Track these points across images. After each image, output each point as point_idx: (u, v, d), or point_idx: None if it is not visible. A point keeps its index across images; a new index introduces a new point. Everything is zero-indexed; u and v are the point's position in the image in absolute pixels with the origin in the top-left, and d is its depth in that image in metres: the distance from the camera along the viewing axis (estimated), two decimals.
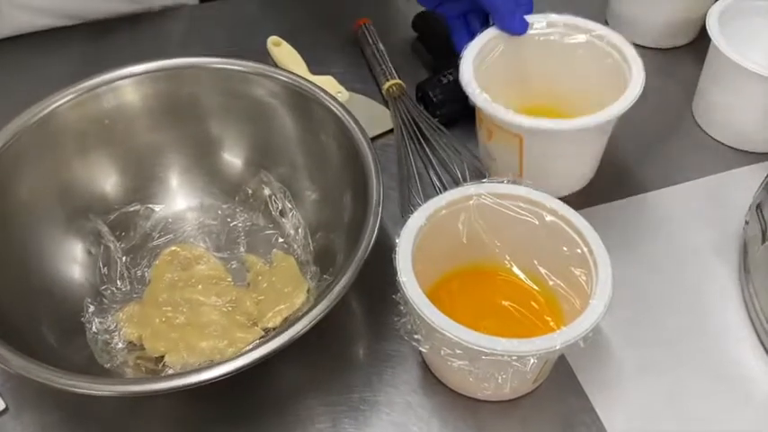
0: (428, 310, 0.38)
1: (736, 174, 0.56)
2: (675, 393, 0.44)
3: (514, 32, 0.52)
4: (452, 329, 0.37)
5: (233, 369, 0.36)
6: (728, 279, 0.50)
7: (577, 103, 0.51)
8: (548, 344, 0.37)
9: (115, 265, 0.49)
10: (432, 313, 0.38)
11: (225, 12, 0.71)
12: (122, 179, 0.50)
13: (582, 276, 0.41)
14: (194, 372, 0.36)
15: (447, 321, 0.38)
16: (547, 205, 0.43)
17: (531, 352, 0.37)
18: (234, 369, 0.36)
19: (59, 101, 0.47)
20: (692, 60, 0.63)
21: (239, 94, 0.50)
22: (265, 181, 0.50)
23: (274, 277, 0.47)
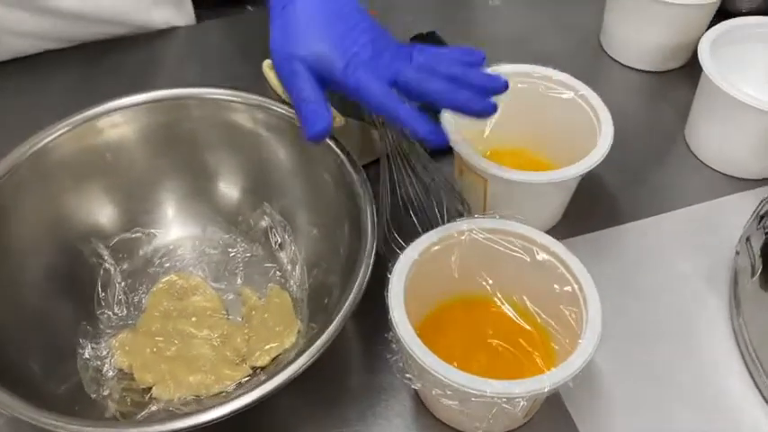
0: (420, 351, 0.38)
1: (727, 201, 0.56)
2: (665, 427, 0.44)
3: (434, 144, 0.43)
4: (443, 371, 0.37)
5: (218, 416, 0.36)
6: (719, 309, 0.50)
7: (555, 152, 0.53)
8: (537, 386, 0.37)
9: (113, 290, 0.49)
10: (423, 354, 0.38)
11: (220, 33, 0.71)
12: (124, 206, 0.51)
13: (572, 315, 0.41)
14: (180, 417, 0.36)
15: (438, 362, 0.38)
16: (538, 241, 0.43)
17: (521, 394, 0.37)
18: (218, 417, 0.36)
19: (57, 132, 0.47)
20: (686, 83, 0.63)
21: (237, 126, 0.50)
22: (267, 213, 0.50)
23: (267, 314, 0.47)
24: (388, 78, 0.42)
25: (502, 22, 0.72)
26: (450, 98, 0.42)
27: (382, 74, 0.42)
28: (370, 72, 0.41)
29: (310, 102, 0.42)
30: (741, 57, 0.59)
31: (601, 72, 0.68)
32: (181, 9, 0.70)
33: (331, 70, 0.42)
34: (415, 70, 0.42)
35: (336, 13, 0.43)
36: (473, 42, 0.69)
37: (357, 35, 0.42)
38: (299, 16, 0.43)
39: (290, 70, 0.42)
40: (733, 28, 0.58)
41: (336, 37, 0.42)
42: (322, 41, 0.42)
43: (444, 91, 0.42)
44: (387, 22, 0.71)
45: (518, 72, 0.53)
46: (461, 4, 0.75)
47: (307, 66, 0.42)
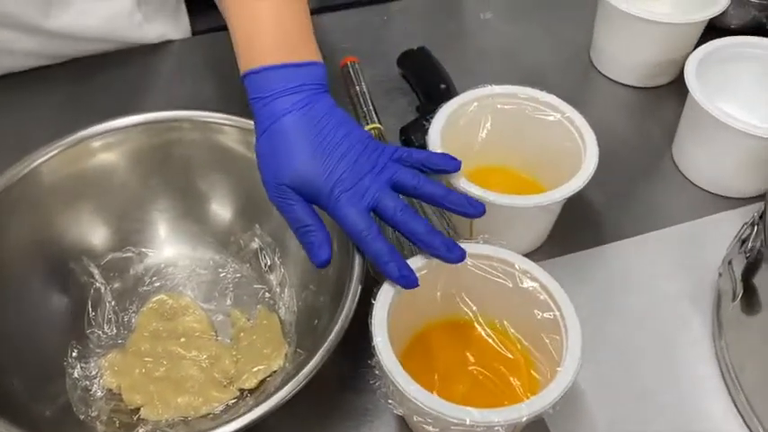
0: (402, 379, 0.39)
1: (712, 220, 0.57)
2: None
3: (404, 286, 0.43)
4: (424, 399, 0.38)
5: None
6: (702, 331, 0.50)
7: (541, 172, 0.54)
8: (515, 414, 0.38)
9: (103, 309, 0.49)
10: (405, 382, 0.39)
11: (212, 48, 0.71)
12: (115, 226, 0.51)
13: (552, 342, 0.42)
14: None
15: (419, 391, 0.38)
16: (520, 267, 0.44)
17: (500, 423, 0.38)
18: None
19: (49, 154, 0.48)
20: (675, 99, 0.64)
21: (228, 149, 0.51)
22: (257, 234, 0.51)
23: (255, 336, 0.47)
24: (368, 205, 0.43)
25: (492, 35, 0.72)
26: (425, 242, 0.43)
27: (362, 203, 0.43)
28: (351, 203, 0.42)
29: (309, 230, 0.43)
30: (728, 76, 0.59)
31: (590, 87, 0.68)
32: (176, 23, 0.70)
33: (317, 194, 0.43)
34: (394, 204, 0.43)
35: (318, 131, 0.43)
36: (464, 56, 0.70)
37: (340, 156, 0.43)
38: (281, 141, 0.43)
39: (282, 198, 0.43)
40: (720, 47, 0.59)
41: (319, 161, 0.43)
42: (304, 167, 0.42)
43: (421, 234, 0.43)
44: (377, 37, 0.73)
45: (506, 93, 0.54)
46: (452, 17, 0.76)
47: (295, 189, 0.43)
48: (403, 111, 0.64)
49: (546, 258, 0.53)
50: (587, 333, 0.48)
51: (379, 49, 0.69)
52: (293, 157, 0.42)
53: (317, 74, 0.45)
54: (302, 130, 0.43)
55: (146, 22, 0.67)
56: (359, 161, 0.43)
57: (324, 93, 0.45)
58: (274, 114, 0.43)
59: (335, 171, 0.42)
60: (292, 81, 0.44)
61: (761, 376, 0.45)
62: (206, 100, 0.65)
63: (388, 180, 0.44)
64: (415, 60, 0.66)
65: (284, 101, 0.43)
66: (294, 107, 0.43)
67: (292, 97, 0.43)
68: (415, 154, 0.46)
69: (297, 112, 0.43)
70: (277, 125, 0.43)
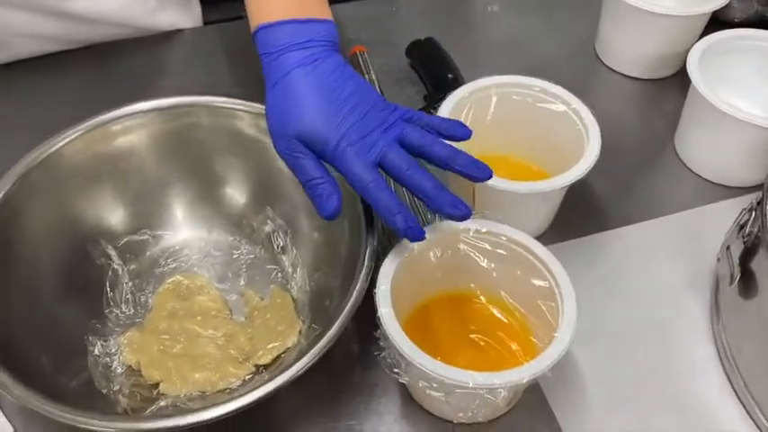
0: (407, 347, 0.41)
1: (712, 209, 0.58)
2: (643, 428, 0.46)
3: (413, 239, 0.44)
4: (429, 365, 0.40)
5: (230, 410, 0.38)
6: (700, 313, 0.52)
7: (545, 160, 0.55)
8: (516, 377, 0.40)
9: (121, 289, 0.51)
10: (410, 350, 0.41)
11: (225, 37, 0.73)
12: (132, 209, 0.53)
13: (548, 309, 0.44)
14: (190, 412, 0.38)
15: (424, 357, 0.40)
16: (515, 238, 0.46)
17: (501, 385, 0.40)
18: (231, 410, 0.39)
19: (69, 137, 0.49)
20: (678, 91, 0.65)
21: (242, 133, 0.52)
22: (270, 217, 0.52)
23: (269, 314, 0.49)
24: (375, 159, 0.43)
25: (499, 27, 0.74)
26: (432, 198, 0.43)
27: (369, 155, 0.43)
28: (358, 155, 0.43)
29: (317, 183, 0.43)
30: (730, 67, 0.60)
31: (594, 78, 0.69)
32: (188, 11, 0.72)
33: (323, 147, 0.43)
34: (400, 159, 0.43)
35: (326, 87, 0.43)
36: (471, 46, 0.72)
37: (349, 110, 0.43)
38: (289, 94, 0.43)
39: (288, 149, 0.44)
40: (722, 39, 0.60)
41: (328, 113, 0.43)
42: (313, 119, 0.43)
43: (428, 189, 0.43)
44: (385, 27, 0.74)
45: (512, 83, 0.55)
46: (459, 9, 0.77)
47: (303, 142, 0.43)
48: (411, 99, 0.65)
49: (548, 244, 0.54)
50: (589, 315, 0.49)
51: (387, 40, 0.70)
52: (302, 110, 0.43)
53: (326, 31, 0.45)
54: (311, 84, 0.43)
55: (159, 9, 0.69)
56: (367, 117, 0.43)
57: (334, 51, 0.45)
58: (283, 68, 0.44)
59: (343, 125, 0.43)
60: (301, 36, 0.44)
61: (757, 357, 0.46)
62: (217, 87, 0.67)
63: (396, 137, 0.44)
64: (423, 50, 0.68)
65: (293, 55, 0.44)
66: (303, 62, 0.44)
67: (301, 52, 0.44)
68: (426, 118, 0.46)
69: (306, 66, 0.44)
70: (286, 79, 0.44)
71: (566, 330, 0.42)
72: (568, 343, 0.41)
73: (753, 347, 0.47)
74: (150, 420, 0.41)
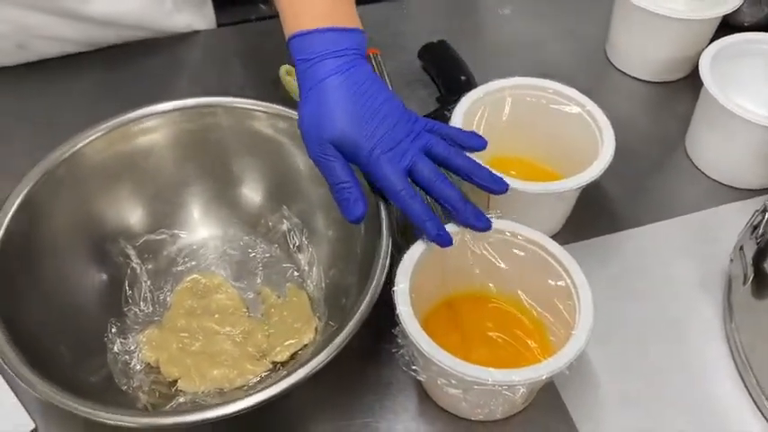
0: (426, 344, 0.41)
1: (724, 210, 0.59)
2: (656, 426, 0.47)
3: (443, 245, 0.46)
4: (448, 362, 0.41)
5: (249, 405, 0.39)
6: (713, 314, 0.52)
7: (559, 162, 0.56)
8: (534, 374, 0.40)
9: (140, 288, 0.52)
10: (429, 346, 0.41)
11: (238, 39, 0.74)
12: (150, 208, 0.54)
13: (565, 308, 0.44)
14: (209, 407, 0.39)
15: (443, 354, 0.41)
16: (533, 239, 0.46)
17: (520, 382, 0.40)
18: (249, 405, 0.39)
19: (91, 137, 0.50)
20: (689, 94, 0.65)
21: (259, 133, 0.53)
22: (286, 216, 0.53)
23: (286, 311, 0.50)
24: (405, 167, 0.45)
25: (511, 30, 0.75)
26: (457, 208, 0.46)
27: (401, 164, 0.45)
28: (391, 163, 0.45)
29: (345, 187, 0.45)
30: (741, 71, 0.61)
31: (606, 81, 0.70)
32: (202, 13, 0.73)
33: (356, 153, 0.45)
34: (429, 170, 0.46)
35: (360, 94, 0.45)
36: (483, 50, 0.72)
37: (381, 119, 0.45)
38: (325, 100, 0.45)
39: (321, 152, 0.45)
40: (734, 43, 0.61)
41: (362, 121, 0.45)
42: (348, 125, 0.45)
43: (455, 200, 0.46)
44: (397, 31, 0.75)
45: (526, 84, 0.56)
46: (471, 13, 0.78)
47: (336, 146, 0.45)
48: (424, 101, 0.66)
49: (562, 244, 0.55)
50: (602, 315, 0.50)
51: (400, 43, 0.71)
52: (337, 116, 0.44)
53: (359, 40, 0.47)
54: (346, 92, 0.45)
55: (175, 11, 0.70)
56: (397, 126, 0.45)
57: (363, 59, 0.47)
58: (319, 75, 0.45)
59: (376, 132, 0.45)
60: (337, 45, 0.46)
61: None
62: (231, 88, 0.68)
63: (423, 147, 0.46)
64: (435, 53, 0.68)
65: (329, 63, 0.45)
66: (338, 70, 0.45)
67: (336, 60, 0.45)
68: (445, 128, 0.48)
69: (341, 74, 0.45)
70: (321, 85, 0.45)
71: (583, 329, 0.42)
72: (585, 341, 0.42)
73: (766, 347, 0.47)
74: (171, 415, 0.42)
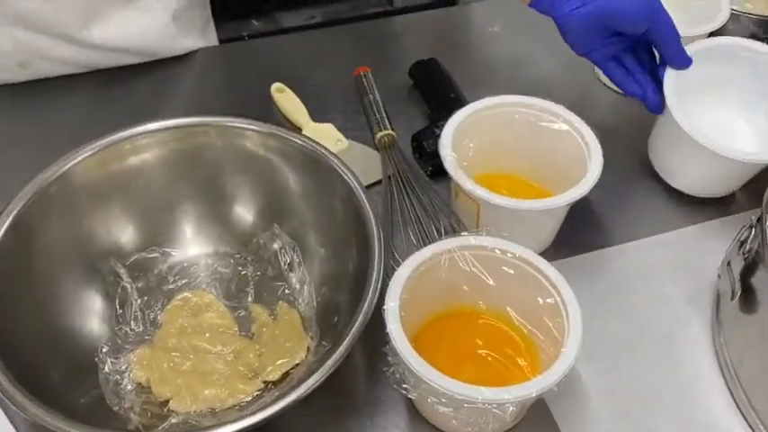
0: (416, 362, 0.41)
1: (712, 225, 0.59)
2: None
3: (682, 68, 0.56)
4: (439, 380, 0.41)
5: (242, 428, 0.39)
6: (702, 328, 0.53)
7: (548, 178, 0.57)
8: (524, 392, 0.41)
9: (130, 307, 0.52)
10: (419, 365, 0.41)
11: (231, 58, 0.75)
12: (141, 227, 0.54)
13: (554, 325, 0.44)
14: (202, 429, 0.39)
15: (433, 372, 0.41)
16: (522, 256, 0.46)
17: (510, 400, 0.40)
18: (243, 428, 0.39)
19: (81, 156, 0.50)
20: None
21: (250, 152, 0.53)
22: (277, 234, 0.53)
23: (277, 330, 0.50)
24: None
25: (500, 48, 0.75)
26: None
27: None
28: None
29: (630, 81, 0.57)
30: (715, 76, 0.60)
31: (593, 97, 0.71)
32: (205, 36, 0.74)
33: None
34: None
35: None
36: (473, 67, 0.73)
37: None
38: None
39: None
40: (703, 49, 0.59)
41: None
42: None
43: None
44: (389, 49, 0.75)
45: (515, 102, 0.57)
46: (461, 31, 0.79)
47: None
48: (414, 118, 0.67)
49: (550, 260, 0.55)
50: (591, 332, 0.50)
51: (392, 60, 0.72)
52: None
53: None
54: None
55: (180, 36, 0.70)
56: None
57: None
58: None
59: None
60: None
61: (758, 371, 0.47)
62: (228, 106, 0.68)
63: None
64: (425, 71, 0.69)
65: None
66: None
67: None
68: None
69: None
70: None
71: (572, 346, 0.42)
72: (574, 359, 0.42)
73: (754, 361, 0.48)
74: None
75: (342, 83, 0.70)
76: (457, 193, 0.55)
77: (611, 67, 0.58)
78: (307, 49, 0.75)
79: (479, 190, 0.51)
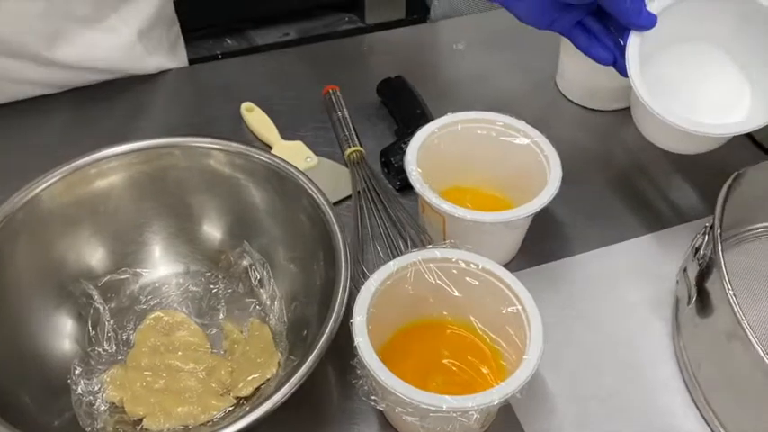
0: (382, 374, 0.42)
1: (671, 232, 0.61)
2: None
3: (643, 28, 0.51)
4: (404, 390, 0.42)
5: None
6: (663, 334, 0.54)
7: (511, 191, 0.58)
8: (487, 399, 0.42)
9: (103, 327, 0.52)
10: (386, 376, 0.42)
11: (202, 77, 0.76)
12: (111, 249, 0.54)
13: (517, 334, 0.46)
14: None
15: (399, 383, 0.42)
16: (485, 267, 0.48)
17: (473, 407, 0.42)
18: None
19: (49, 181, 0.51)
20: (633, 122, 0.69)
21: (217, 172, 0.54)
22: (247, 251, 0.54)
23: (249, 347, 0.50)
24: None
25: (465, 65, 0.77)
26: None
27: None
28: None
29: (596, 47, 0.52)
30: (699, 27, 0.55)
31: (556, 111, 0.73)
32: (175, 55, 0.74)
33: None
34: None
35: None
36: (439, 84, 0.75)
37: None
38: None
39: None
40: None
41: None
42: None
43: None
44: (357, 67, 0.77)
45: (478, 118, 0.58)
46: (427, 49, 0.81)
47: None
48: (382, 134, 0.68)
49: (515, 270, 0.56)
50: (556, 338, 0.52)
51: (360, 78, 0.73)
52: None
53: None
54: None
55: (147, 55, 0.71)
56: None
57: None
58: None
59: None
60: None
61: (715, 373, 0.49)
62: (199, 125, 0.69)
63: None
64: (392, 88, 0.71)
65: None
66: None
67: None
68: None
69: None
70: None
71: (533, 354, 0.44)
72: (535, 366, 0.43)
73: (711, 364, 0.49)
74: None
75: (311, 101, 0.71)
76: (424, 208, 0.56)
77: (576, 35, 0.55)
78: (277, 68, 0.77)
79: (444, 204, 0.52)
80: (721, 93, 0.56)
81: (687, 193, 0.65)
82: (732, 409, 0.48)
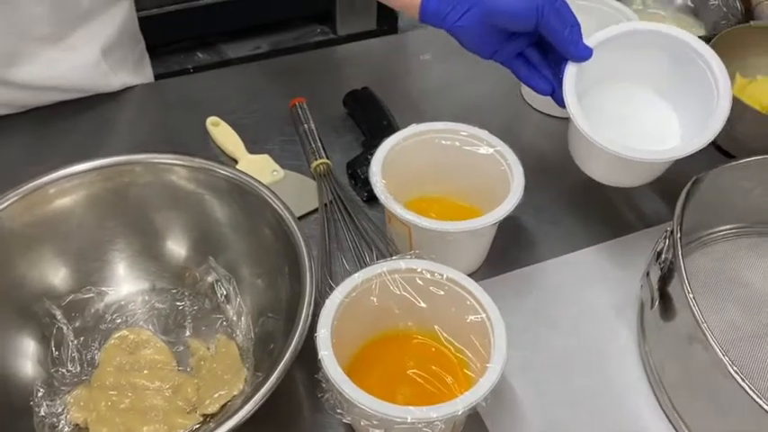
0: (347, 387, 0.42)
1: (635, 237, 0.62)
2: None
3: (580, 59, 0.54)
4: (368, 403, 0.42)
5: None
6: (629, 338, 0.55)
7: (477, 199, 0.58)
8: (452, 409, 0.42)
9: (66, 348, 0.51)
10: (350, 389, 0.42)
11: (168, 93, 0.75)
12: (74, 267, 0.54)
13: (481, 343, 0.46)
14: None
15: (363, 396, 0.42)
16: (450, 277, 0.48)
17: (438, 418, 0.42)
18: None
19: (7, 201, 0.50)
20: None
21: (180, 188, 0.54)
22: (212, 267, 0.54)
23: (215, 363, 0.50)
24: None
25: (431, 75, 0.78)
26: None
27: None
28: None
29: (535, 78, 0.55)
30: (631, 63, 0.58)
31: (521, 119, 0.73)
32: (140, 72, 0.74)
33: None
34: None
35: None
36: (405, 94, 0.75)
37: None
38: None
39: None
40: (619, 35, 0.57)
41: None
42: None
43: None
44: (324, 79, 0.77)
45: (442, 129, 0.58)
46: (393, 60, 0.81)
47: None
48: (350, 145, 0.68)
49: (482, 278, 0.57)
50: (524, 344, 0.52)
51: (327, 90, 0.73)
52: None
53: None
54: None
55: (111, 73, 0.70)
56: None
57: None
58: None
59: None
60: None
61: (678, 376, 0.50)
62: (165, 141, 0.69)
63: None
64: (359, 99, 0.71)
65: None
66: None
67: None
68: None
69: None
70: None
71: (497, 362, 0.44)
72: (499, 374, 0.43)
73: (674, 366, 0.50)
74: None
75: (278, 114, 0.71)
76: (390, 218, 0.57)
77: (517, 66, 0.57)
78: (244, 82, 0.77)
79: (408, 215, 0.53)
80: (653, 124, 0.58)
81: (651, 198, 0.66)
82: (695, 410, 0.48)
